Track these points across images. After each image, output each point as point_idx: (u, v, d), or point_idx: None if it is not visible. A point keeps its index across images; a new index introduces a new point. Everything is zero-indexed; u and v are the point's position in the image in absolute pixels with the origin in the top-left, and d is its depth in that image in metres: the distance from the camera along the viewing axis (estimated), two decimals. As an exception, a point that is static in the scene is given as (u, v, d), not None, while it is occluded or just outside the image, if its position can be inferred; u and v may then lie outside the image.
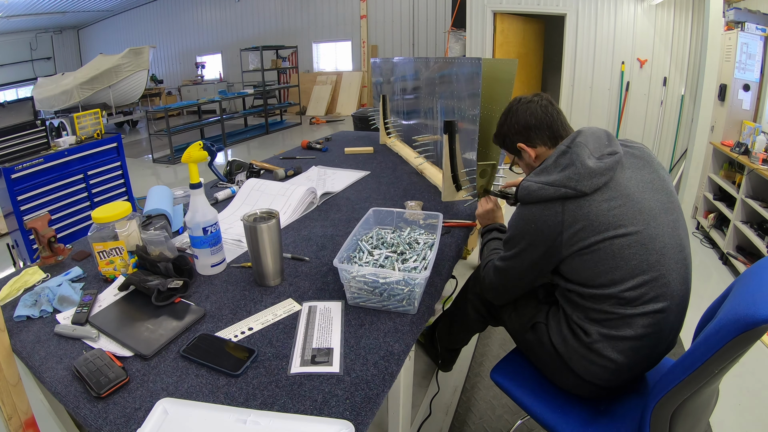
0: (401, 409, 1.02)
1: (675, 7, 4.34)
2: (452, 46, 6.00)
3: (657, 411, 0.83)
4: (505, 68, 1.39)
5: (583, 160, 0.95)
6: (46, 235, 1.23)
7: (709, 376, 0.74)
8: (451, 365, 1.61)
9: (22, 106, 3.05)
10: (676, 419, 0.83)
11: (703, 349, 0.72)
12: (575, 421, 1.03)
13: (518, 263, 1.04)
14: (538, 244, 0.98)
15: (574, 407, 1.07)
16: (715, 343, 0.70)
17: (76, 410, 0.74)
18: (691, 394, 0.78)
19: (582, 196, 0.93)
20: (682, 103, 4.52)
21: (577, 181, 0.93)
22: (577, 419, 1.04)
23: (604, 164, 0.95)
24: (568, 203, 0.94)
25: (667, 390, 0.79)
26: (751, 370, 2.01)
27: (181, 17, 10.94)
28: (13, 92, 10.54)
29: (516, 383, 1.15)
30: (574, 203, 0.94)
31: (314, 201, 1.62)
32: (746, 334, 0.66)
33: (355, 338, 0.89)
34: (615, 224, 0.93)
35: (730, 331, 0.68)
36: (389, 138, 2.60)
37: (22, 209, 2.65)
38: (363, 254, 1.09)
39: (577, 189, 0.93)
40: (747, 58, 3.16)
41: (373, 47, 9.03)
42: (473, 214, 1.51)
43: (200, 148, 1.16)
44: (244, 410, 0.72)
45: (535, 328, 1.11)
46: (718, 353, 0.69)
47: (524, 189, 0.98)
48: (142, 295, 1.04)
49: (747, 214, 2.83)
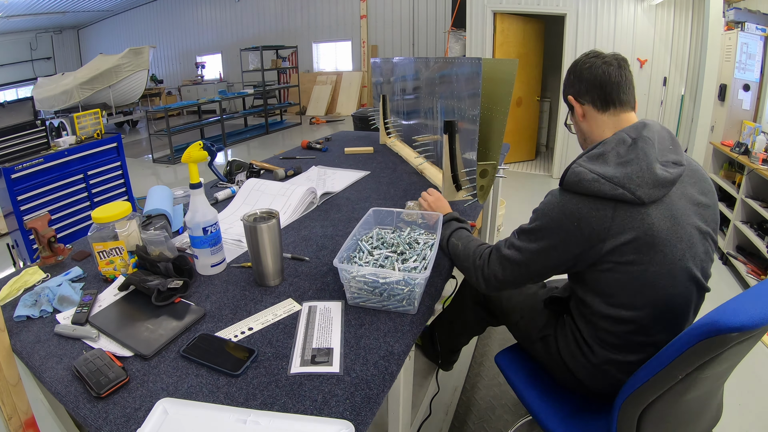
0: (401, 409, 1.02)
1: (675, 7, 4.34)
2: (452, 46, 6.00)
3: (623, 410, 0.82)
4: (506, 68, 1.36)
5: (651, 162, 0.82)
6: (46, 235, 1.23)
7: (673, 381, 0.71)
8: (452, 365, 1.61)
9: (22, 106, 3.05)
10: (646, 422, 0.80)
11: (669, 352, 0.71)
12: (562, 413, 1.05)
13: (541, 259, 0.91)
14: (572, 245, 0.85)
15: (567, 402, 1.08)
16: (679, 346, 0.69)
17: (76, 410, 0.74)
18: (659, 398, 0.75)
19: (638, 204, 0.81)
20: (682, 103, 4.53)
21: (638, 185, 0.81)
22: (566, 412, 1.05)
23: (670, 175, 0.84)
24: (620, 208, 0.82)
25: (632, 390, 0.78)
26: (751, 370, 2.01)
27: (181, 17, 10.94)
28: (13, 92, 10.54)
29: (516, 371, 1.18)
30: (627, 210, 0.82)
31: (314, 201, 1.62)
32: (709, 341, 0.65)
33: (355, 338, 0.89)
34: (657, 248, 0.83)
35: (693, 336, 0.66)
36: (389, 138, 2.60)
37: (22, 209, 2.65)
38: (363, 254, 1.09)
39: (636, 195, 0.80)
40: (747, 58, 3.16)
41: (373, 47, 9.03)
42: (474, 214, 1.51)
43: (200, 148, 1.16)
44: (244, 410, 0.72)
45: (545, 341, 1.09)
46: (681, 357, 0.68)
47: (575, 174, 0.84)
48: (142, 295, 1.04)
49: (747, 214, 2.83)
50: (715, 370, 0.74)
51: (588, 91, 0.99)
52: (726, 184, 3.09)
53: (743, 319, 0.63)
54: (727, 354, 0.69)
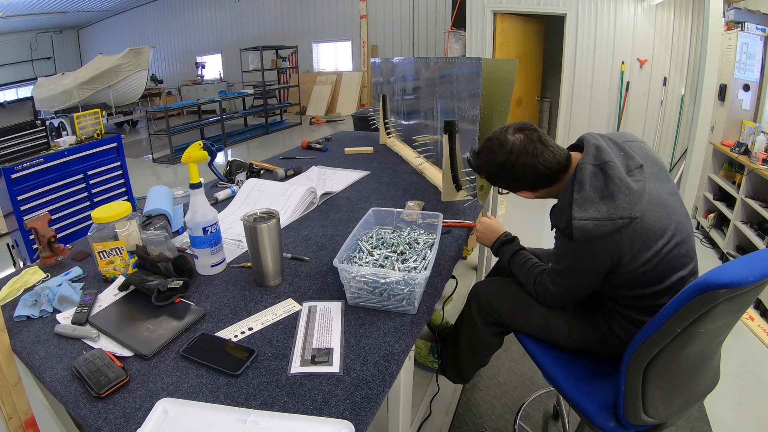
0: (401, 409, 1.02)
1: (675, 7, 4.34)
2: (452, 46, 6.00)
3: (630, 364, 0.90)
4: (506, 68, 1.37)
5: (627, 184, 0.95)
6: (46, 235, 1.23)
7: (672, 335, 0.82)
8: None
9: (22, 106, 3.06)
10: (650, 377, 0.90)
11: (669, 309, 0.81)
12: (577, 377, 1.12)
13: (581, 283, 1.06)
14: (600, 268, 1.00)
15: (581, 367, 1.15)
16: (677, 303, 0.79)
17: (76, 410, 0.74)
18: (660, 353, 0.85)
19: (634, 219, 0.94)
20: (682, 103, 4.53)
21: (630, 209, 0.93)
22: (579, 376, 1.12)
23: (642, 182, 0.97)
24: (624, 230, 0.94)
25: (637, 346, 0.88)
26: (751, 370, 2.01)
27: (181, 17, 10.94)
28: (13, 92, 10.54)
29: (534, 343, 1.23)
30: (629, 228, 0.94)
31: (314, 201, 1.62)
32: (703, 297, 0.75)
33: (355, 338, 0.89)
34: (659, 234, 0.96)
35: (688, 294, 0.77)
36: (389, 138, 2.60)
37: (22, 209, 2.65)
38: (363, 254, 1.09)
39: (632, 216, 0.93)
40: (747, 58, 3.16)
41: (373, 47, 9.03)
42: (474, 214, 1.51)
43: (200, 148, 1.16)
44: (244, 410, 0.72)
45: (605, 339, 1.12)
46: (679, 312, 0.79)
47: (581, 230, 0.95)
48: (142, 295, 1.04)
49: (747, 214, 2.83)
50: (708, 326, 0.83)
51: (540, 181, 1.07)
52: (726, 184, 3.09)
53: (730, 278, 0.74)
54: (718, 310, 0.78)
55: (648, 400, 0.92)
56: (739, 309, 0.91)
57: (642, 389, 0.91)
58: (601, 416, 1.00)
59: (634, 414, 0.93)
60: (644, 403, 0.92)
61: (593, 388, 1.07)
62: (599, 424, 1.00)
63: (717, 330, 0.91)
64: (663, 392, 0.93)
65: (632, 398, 0.92)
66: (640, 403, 0.92)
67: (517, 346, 2.09)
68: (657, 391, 0.92)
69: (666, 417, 0.97)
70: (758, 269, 0.77)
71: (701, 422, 1.69)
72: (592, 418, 1.01)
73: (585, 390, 1.06)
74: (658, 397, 0.93)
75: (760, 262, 0.79)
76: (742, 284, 0.74)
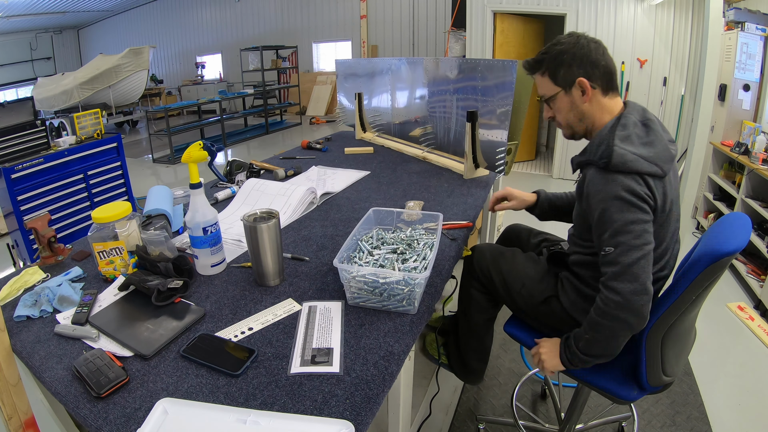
0: (401, 409, 1.02)
1: (675, 7, 4.33)
2: (452, 46, 5.99)
3: (650, 335, 0.98)
4: None
5: (665, 142, 1.00)
6: (46, 235, 1.23)
7: (689, 302, 0.92)
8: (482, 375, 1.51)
9: (22, 106, 3.05)
10: (666, 343, 0.99)
11: (683, 280, 0.91)
12: None
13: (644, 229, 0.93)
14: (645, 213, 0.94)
15: None
16: (692, 273, 0.88)
17: (76, 410, 0.74)
18: (676, 320, 0.95)
19: (663, 176, 0.96)
20: (682, 103, 4.52)
21: (664, 162, 0.96)
22: None
23: (675, 152, 1.02)
24: (652, 181, 0.95)
25: (657, 316, 0.95)
26: (751, 370, 2.01)
27: (181, 17, 10.93)
28: (13, 92, 10.53)
29: (523, 332, 1.30)
30: (656, 183, 0.95)
31: (314, 201, 1.62)
32: (715, 265, 0.86)
33: (355, 338, 0.89)
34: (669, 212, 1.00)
35: (703, 263, 0.87)
36: (364, 133, 2.75)
37: (22, 209, 2.65)
38: (363, 254, 1.09)
39: (663, 170, 0.96)
40: (747, 58, 3.16)
41: (373, 47, 9.02)
42: (473, 215, 1.51)
43: (200, 148, 1.16)
44: (244, 410, 0.72)
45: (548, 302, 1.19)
46: (695, 281, 0.89)
47: (620, 157, 0.93)
48: (142, 295, 1.04)
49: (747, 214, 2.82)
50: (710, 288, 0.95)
51: (601, 76, 1.05)
52: (726, 184, 3.09)
53: (735, 245, 0.87)
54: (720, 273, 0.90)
55: (666, 362, 1.02)
56: None
57: (661, 354, 1.00)
58: (623, 389, 1.08)
59: (656, 377, 1.03)
60: (663, 366, 1.02)
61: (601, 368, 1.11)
62: (624, 396, 1.07)
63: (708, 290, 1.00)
64: (675, 353, 1.03)
65: (653, 364, 1.01)
66: (659, 366, 1.01)
67: (517, 346, 2.09)
68: (671, 352, 1.02)
69: (678, 373, 1.07)
70: (745, 233, 0.91)
71: (701, 422, 1.69)
72: (615, 392, 1.08)
73: (598, 373, 1.11)
74: (672, 357, 1.03)
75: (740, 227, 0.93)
76: (739, 249, 0.87)
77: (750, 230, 0.96)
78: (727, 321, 2.38)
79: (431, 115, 2.31)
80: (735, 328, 2.32)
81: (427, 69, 2.27)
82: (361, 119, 2.73)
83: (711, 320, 2.38)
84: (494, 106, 1.84)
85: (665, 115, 4.63)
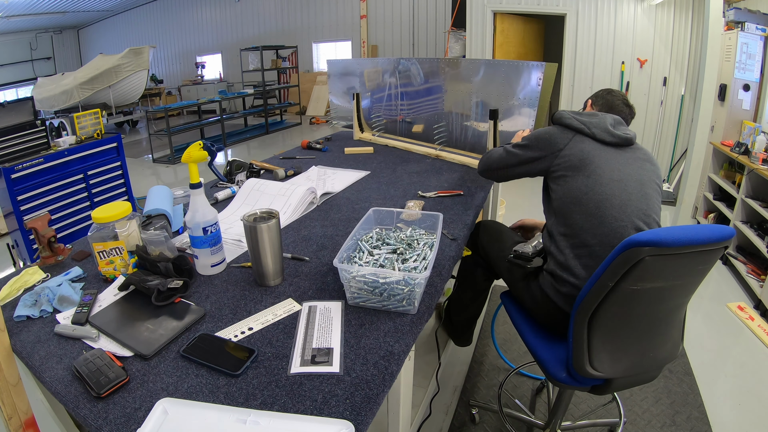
0: (401, 409, 1.02)
1: (675, 7, 4.33)
2: (452, 46, 6.00)
3: (576, 318, 1.02)
4: (548, 72, 1.82)
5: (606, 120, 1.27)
6: (46, 235, 1.23)
7: (606, 289, 0.94)
8: (470, 340, 1.79)
9: (22, 106, 3.05)
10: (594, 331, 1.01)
11: (601, 267, 0.95)
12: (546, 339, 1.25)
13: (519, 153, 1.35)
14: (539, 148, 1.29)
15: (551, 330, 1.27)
16: (607, 261, 0.93)
17: (76, 410, 0.74)
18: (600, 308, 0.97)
19: (590, 137, 1.24)
20: (682, 103, 4.52)
21: (595, 127, 1.25)
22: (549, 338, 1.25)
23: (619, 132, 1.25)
24: (578, 137, 1.25)
25: (580, 300, 1.00)
26: (751, 370, 2.01)
27: (181, 17, 10.93)
28: (13, 92, 10.54)
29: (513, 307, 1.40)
30: (581, 139, 1.24)
31: (314, 201, 1.62)
32: (627, 253, 0.89)
33: (355, 338, 0.89)
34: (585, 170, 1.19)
35: (617, 251, 0.91)
36: (362, 133, 2.74)
37: (22, 209, 2.65)
38: (363, 254, 1.09)
39: (591, 131, 1.24)
40: (747, 58, 3.16)
41: (373, 47, 9.03)
42: (473, 214, 1.51)
43: (200, 148, 1.16)
44: (244, 410, 0.72)
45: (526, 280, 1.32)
46: (610, 268, 0.92)
47: (559, 114, 1.31)
48: (142, 295, 1.04)
49: (747, 214, 2.83)
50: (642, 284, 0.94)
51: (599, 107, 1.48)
52: (726, 184, 3.09)
53: (651, 237, 0.87)
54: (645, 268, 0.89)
55: (594, 353, 1.02)
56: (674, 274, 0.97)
57: (588, 343, 1.01)
58: (556, 367, 1.13)
59: (580, 365, 1.04)
60: (590, 356, 1.03)
61: (554, 345, 1.20)
62: (553, 373, 1.13)
63: (656, 293, 0.99)
64: (608, 348, 1.04)
65: (579, 350, 1.03)
66: (585, 355, 1.02)
67: (517, 347, 2.09)
68: (601, 345, 1.02)
69: (613, 373, 1.06)
70: (681, 234, 0.89)
71: (701, 422, 1.69)
72: (548, 368, 1.15)
73: (547, 347, 1.20)
74: (603, 351, 1.03)
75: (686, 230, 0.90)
76: (660, 244, 0.86)
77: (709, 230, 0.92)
78: (727, 321, 2.38)
79: (444, 113, 2.36)
80: (735, 328, 2.32)
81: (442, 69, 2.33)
82: (359, 119, 2.72)
83: (711, 320, 2.38)
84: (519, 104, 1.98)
85: (665, 115, 4.63)
